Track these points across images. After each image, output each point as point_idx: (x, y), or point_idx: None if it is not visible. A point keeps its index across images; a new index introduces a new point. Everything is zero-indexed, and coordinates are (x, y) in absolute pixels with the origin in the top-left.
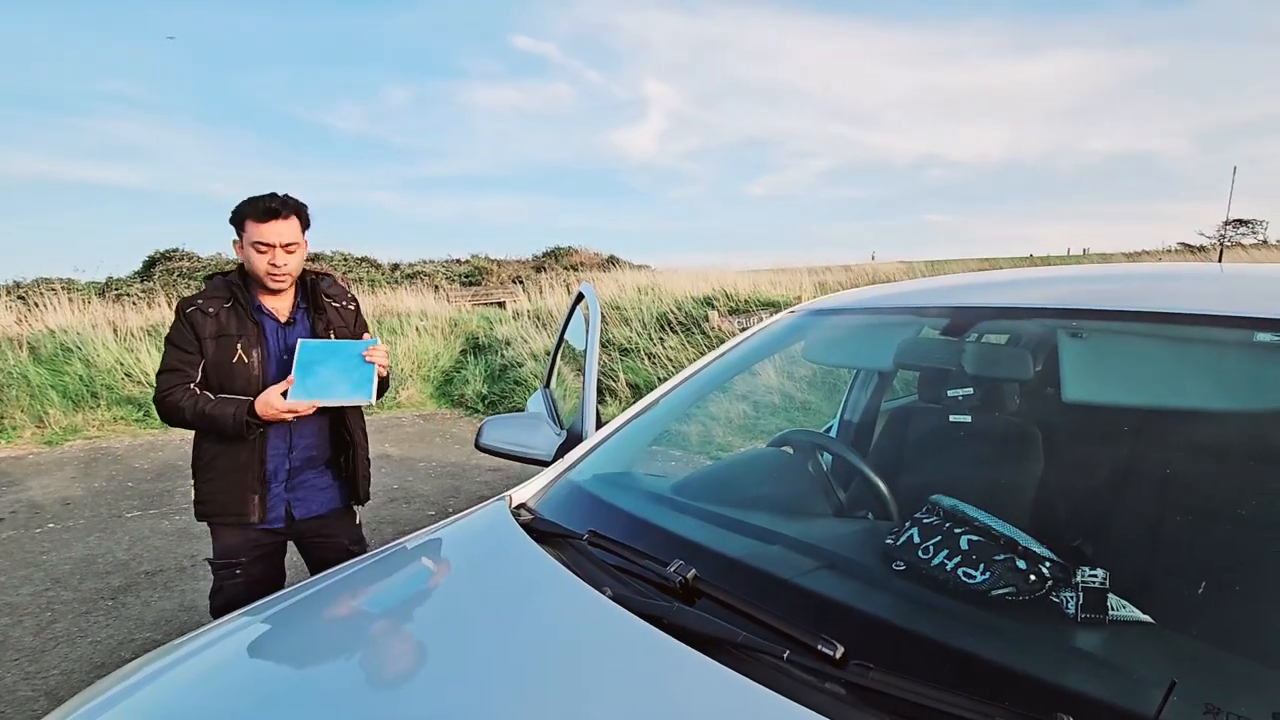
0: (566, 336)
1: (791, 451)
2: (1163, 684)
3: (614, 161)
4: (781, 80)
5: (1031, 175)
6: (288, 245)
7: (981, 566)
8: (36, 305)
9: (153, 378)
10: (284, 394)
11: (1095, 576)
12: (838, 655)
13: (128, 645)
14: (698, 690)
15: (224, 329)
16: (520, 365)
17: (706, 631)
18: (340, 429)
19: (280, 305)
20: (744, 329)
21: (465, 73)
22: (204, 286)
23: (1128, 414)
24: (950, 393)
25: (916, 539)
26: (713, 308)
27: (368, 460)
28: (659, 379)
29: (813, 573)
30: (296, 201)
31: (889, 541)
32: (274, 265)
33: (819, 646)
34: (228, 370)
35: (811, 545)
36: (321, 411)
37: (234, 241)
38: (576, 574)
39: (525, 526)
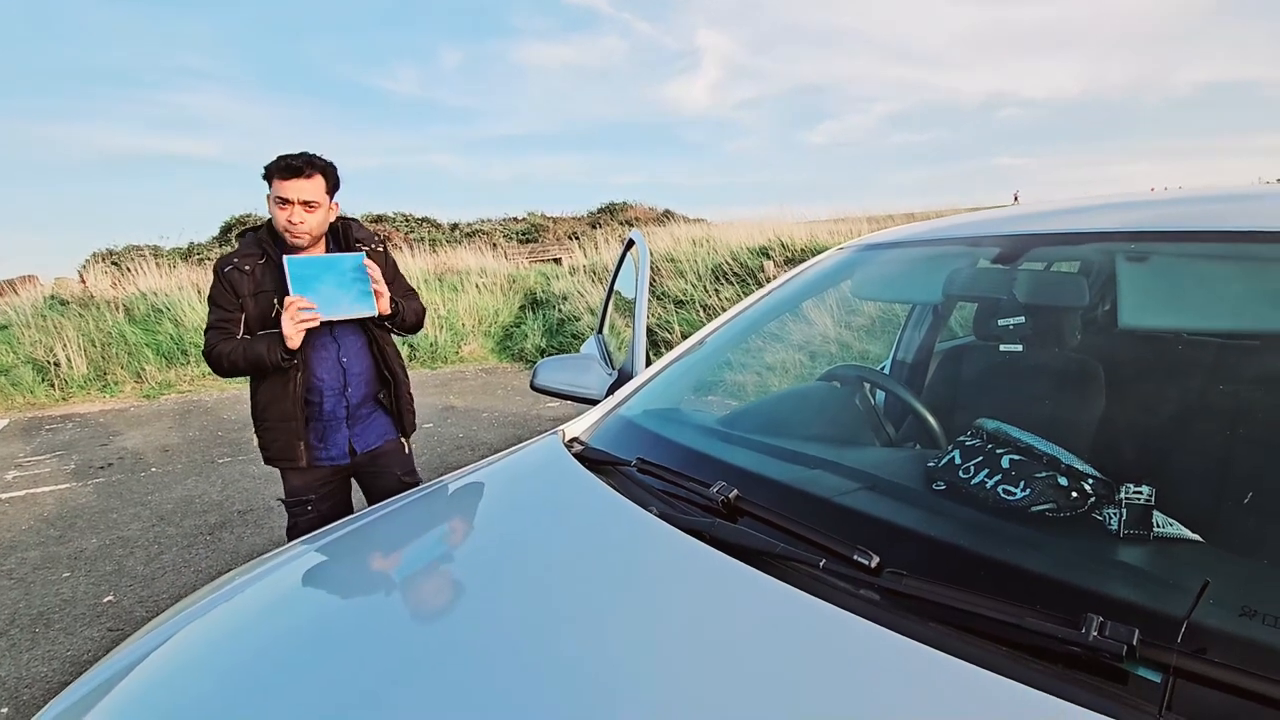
0: (617, 284)
1: (839, 386)
2: (1197, 588)
3: (668, 115)
4: (838, 22)
5: (1113, 111)
6: (307, 203)
7: (1022, 484)
8: (128, 270)
9: None
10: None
11: (1140, 494)
12: (873, 564)
13: None
14: (739, 595)
15: (260, 285)
16: (577, 319)
17: (746, 544)
18: (382, 367)
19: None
20: None
21: (517, 31)
22: (236, 245)
23: (1186, 340)
24: (1000, 322)
25: (958, 460)
26: (768, 258)
27: (410, 395)
28: None
29: (852, 493)
30: (324, 161)
31: (930, 464)
32: (290, 222)
33: (854, 556)
34: (268, 323)
35: (853, 469)
36: (365, 349)
37: (266, 196)
38: (625, 496)
39: (577, 457)
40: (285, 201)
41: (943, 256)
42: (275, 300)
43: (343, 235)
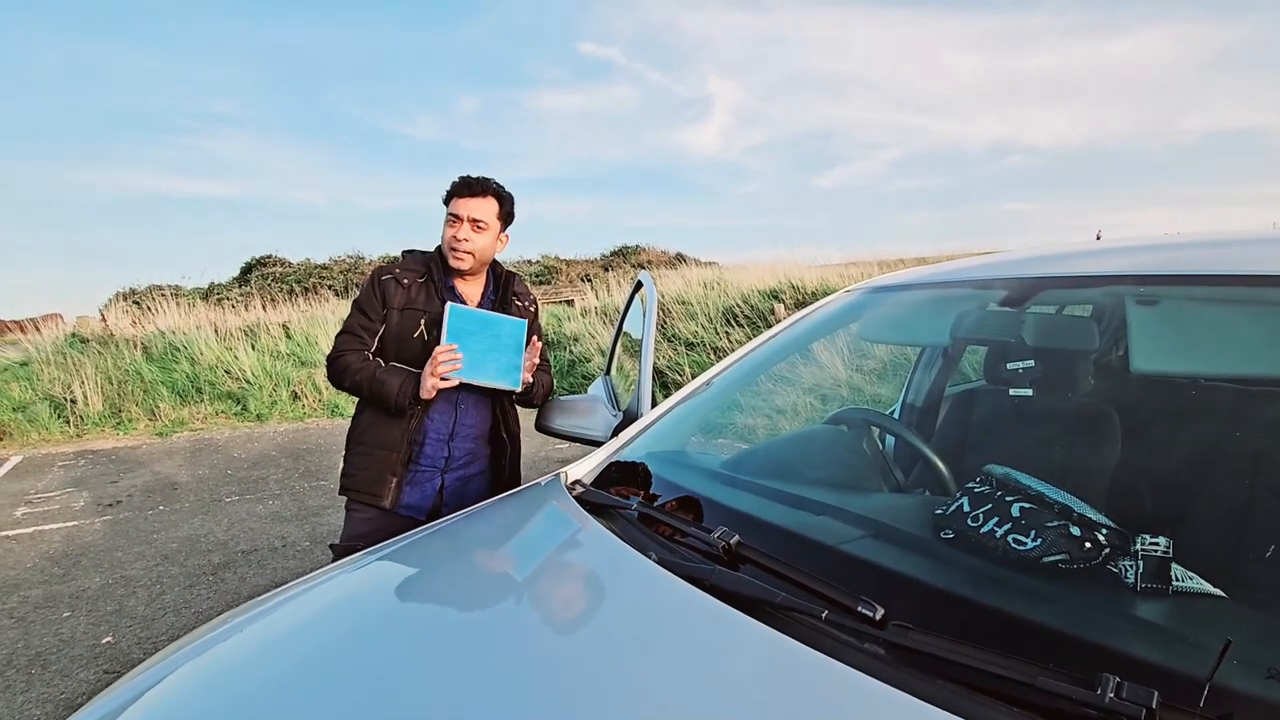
0: (626, 324)
1: (847, 429)
2: (1219, 647)
3: (678, 160)
4: (846, 71)
5: (1118, 158)
6: (476, 221)
7: (1033, 533)
8: (148, 309)
9: (250, 375)
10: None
11: (1157, 545)
12: (877, 616)
13: None
14: (738, 647)
15: (412, 302)
16: (588, 360)
17: (746, 593)
18: (500, 427)
19: (471, 291)
20: None
21: (532, 79)
22: (401, 258)
23: (1201, 385)
24: (1009, 365)
25: (966, 508)
26: (779, 300)
27: (519, 462)
28: None
29: (856, 540)
30: (500, 187)
31: (938, 512)
32: (456, 239)
33: (858, 608)
34: (407, 343)
35: (858, 516)
36: (486, 404)
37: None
38: (624, 541)
39: (578, 499)
40: (456, 218)
41: (951, 299)
42: (422, 321)
43: (504, 283)
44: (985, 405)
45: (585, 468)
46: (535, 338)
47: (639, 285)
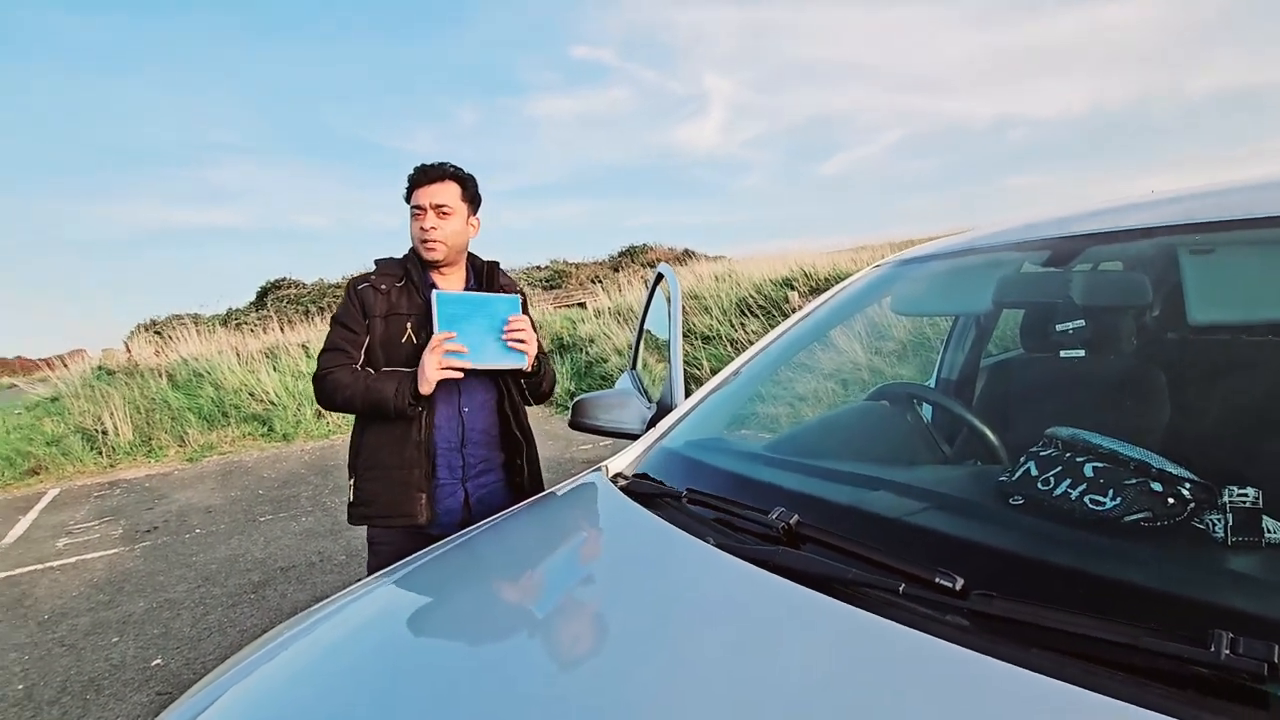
0: (647, 318)
1: (888, 405)
2: None
3: (678, 158)
4: (841, 57)
5: (1125, 125)
6: (440, 207)
7: (1111, 492)
8: (170, 338)
9: (273, 396)
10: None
11: (1245, 496)
12: (958, 587)
13: None
14: (813, 624)
15: (394, 307)
16: (605, 360)
17: (814, 571)
18: (512, 426)
19: (452, 285)
20: None
21: (527, 86)
22: (375, 266)
23: (1260, 332)
24: (1059, 327)
25: (1034, 472)
26: (792, 288)
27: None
28: None
29: (921, 513)
30: (458, 170)
31: (1003, 479)
32: (424, 229)
33: (936, 579)
34: (395, 349)
35: (915, 488)
36: (492, 404)
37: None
38: (679, 528)
39: (625, 491)
40: (420, 210)
41: (988, 265)
42: (409, 325)
43: (486, 274)
44: (1031, 371)
45: (626, 460)
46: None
47: (659, 278)
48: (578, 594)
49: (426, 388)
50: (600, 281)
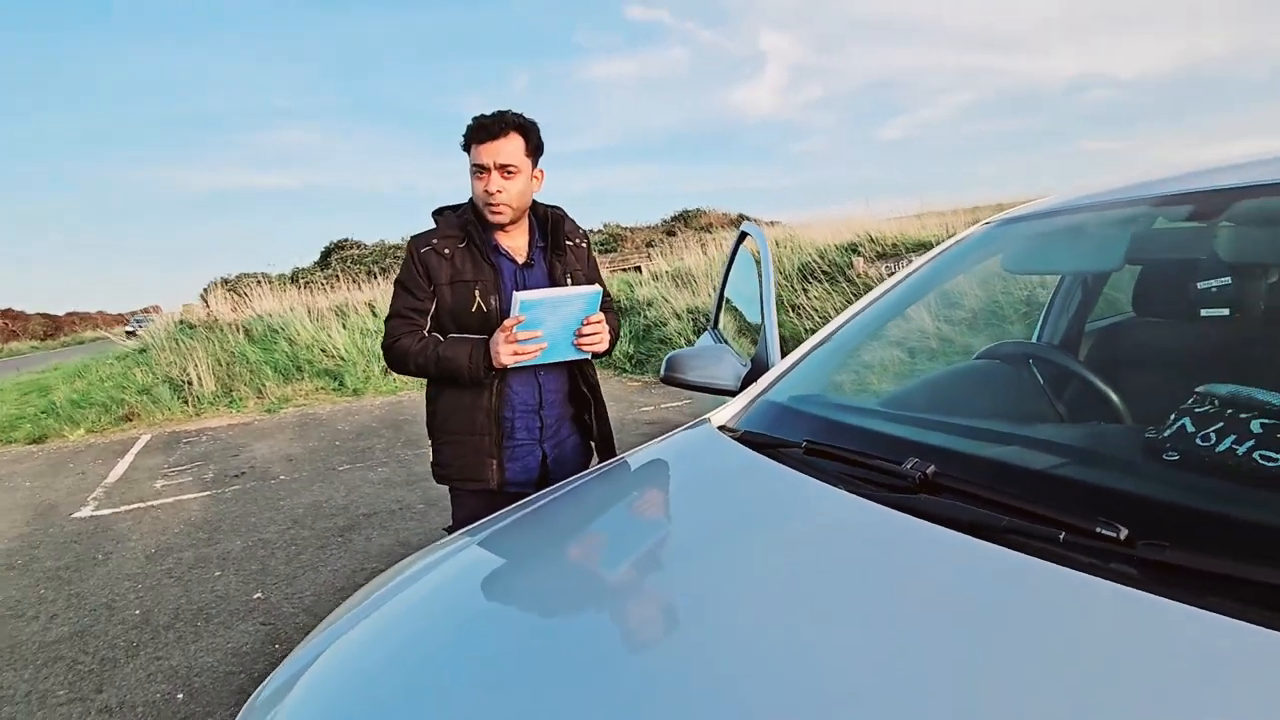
0: (730, 276)
1: (1001, 363)
2: None
3: (736, 121)
4: (904, 14)
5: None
6: (505, 167)
7: None
8: (244, 295)
9: (343, 352)
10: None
11: None
12: (1122, 536)
13: (360, 573)
14: (975, 566)
15: (459, 274)
16: (664, 324)
17: (966, 519)
18: (580, 383)
19: (517, 244)
20: (891, 273)
21: (581, 49)
22: (435, 223)
23: None
24: (1200, 285)
25: (1190, 428)
26: (858, 254)
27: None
28: (806, 330)
29: (1066, 466)
30: (519, 118)
31: (1149, 435)
32: (489, 193)
33: (1098, 529)
34: (465, 316)
35: (1057, 444)
36: (563, 366)
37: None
38: (809, 475)
39: (740, 440)
40: (482, 169)
41: (1113, 222)
42: (475, 292)
43: (552, 227)
44: (1158, 332)
45: (730, 412)
46: (600, 295)
47: (743, 236)
48: (710, 539)
49: (499, 365)
50: (654, 245)
